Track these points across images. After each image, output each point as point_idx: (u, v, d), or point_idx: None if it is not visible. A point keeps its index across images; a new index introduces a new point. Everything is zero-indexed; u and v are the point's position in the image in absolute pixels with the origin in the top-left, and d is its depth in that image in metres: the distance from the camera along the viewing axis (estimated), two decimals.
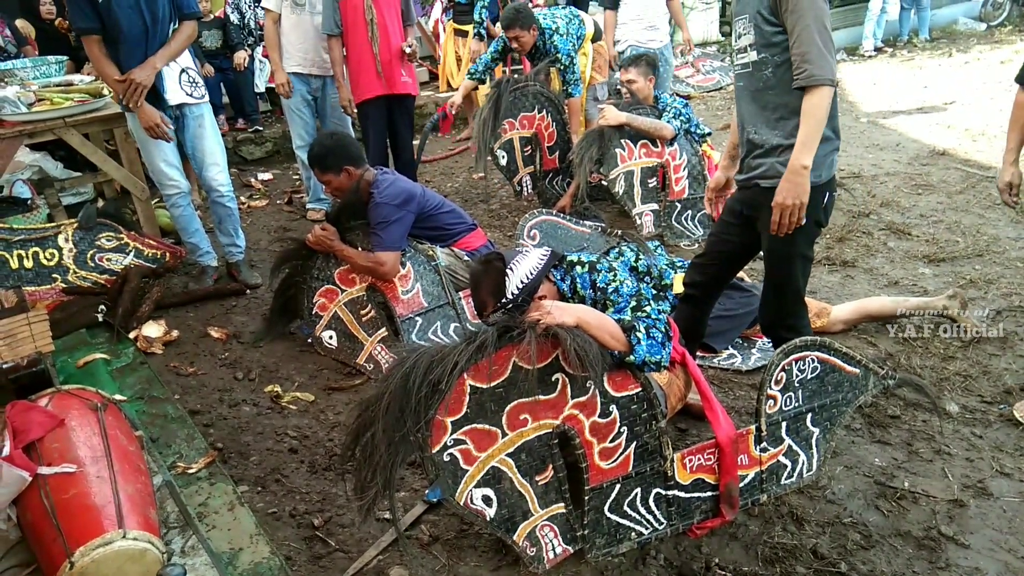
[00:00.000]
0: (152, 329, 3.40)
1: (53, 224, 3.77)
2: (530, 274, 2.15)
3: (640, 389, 1.97)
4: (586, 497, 1.96)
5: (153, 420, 2.70)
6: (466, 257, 3.30)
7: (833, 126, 2.16)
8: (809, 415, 2.16)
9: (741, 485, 2.11)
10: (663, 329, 1.98)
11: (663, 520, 2.07)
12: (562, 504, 1.98)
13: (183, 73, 3.55)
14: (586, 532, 1.99)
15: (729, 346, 3.08)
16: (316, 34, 4.42)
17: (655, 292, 2.65)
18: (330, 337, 3.27)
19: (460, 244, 3.34)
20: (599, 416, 1.94)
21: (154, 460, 2.37)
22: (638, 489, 2.02)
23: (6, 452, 1.86)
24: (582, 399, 1.92)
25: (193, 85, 3.60)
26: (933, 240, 4.02)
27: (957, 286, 3.43)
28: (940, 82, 7.49)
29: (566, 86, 4.71)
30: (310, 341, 3.34)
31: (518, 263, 2.17)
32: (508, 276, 2.13)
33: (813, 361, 2.11)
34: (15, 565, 1.91)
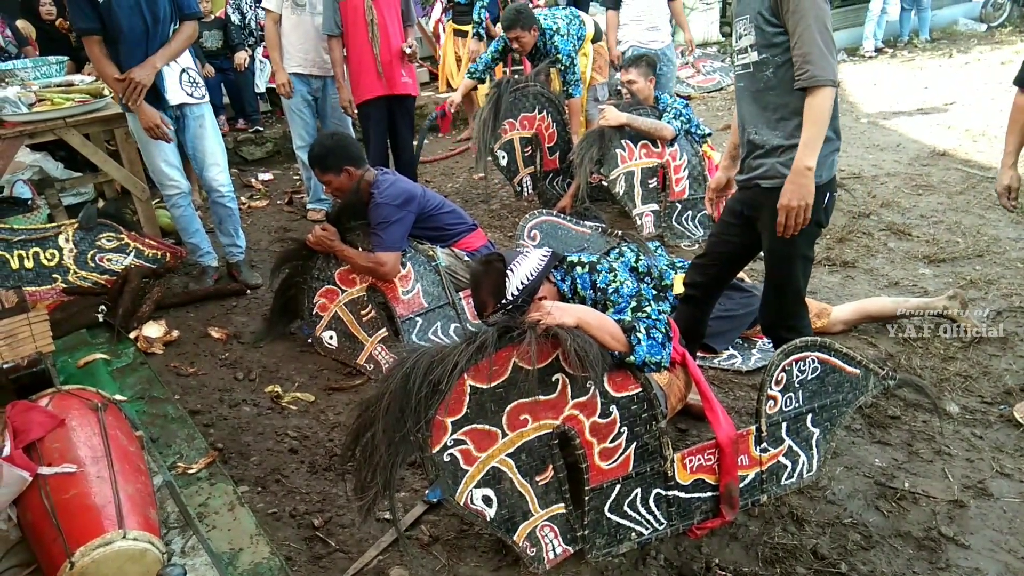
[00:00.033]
0: (152, 329, 3.40)
1: (54, 224, 3.77)
2: (530, 275, 2.14)
3: (640, 389, 1.97)
4: (586, 497, 1.96)
5: (153, 420, 2.71)
6: (466, 257, 3.30)
7: (834, 127, 2.16)
8: (809, 416, 2.16)
9: (741, 485, 2.11)
10: (663, 329, 1.98)
11: (663, 520, 2.06)
12: (562, 504, 1.98)
13: (183, 73, 3.55)
14: (586, 532, 1.99)
15: (729, 346, 3.08)
16: (316, 34, 4.42)
17: (655, 293, 2.65)
18: (330, 337, 3.27)
19: (460, 244, 3.35)
20: (599, 416, 1.94)
21: (154, 460, 2.37)
22: (638, 489, 2.02)
23: (6, 452, 1.86)
24: (582, 399, 1.92)
25: (193, 85, 3.60)
26: (933, 241, 4.02)
27: (957, 287, 3.43)
28: (940, 83, 7.50)
29: (566, 87, 4.71)
30: (310, 341, 3.35)
31: (519, 264, 2.17)
32: (508, 277, 2.13)
33: (813, 362, 2.11)
34: (15, 565, 1.91)
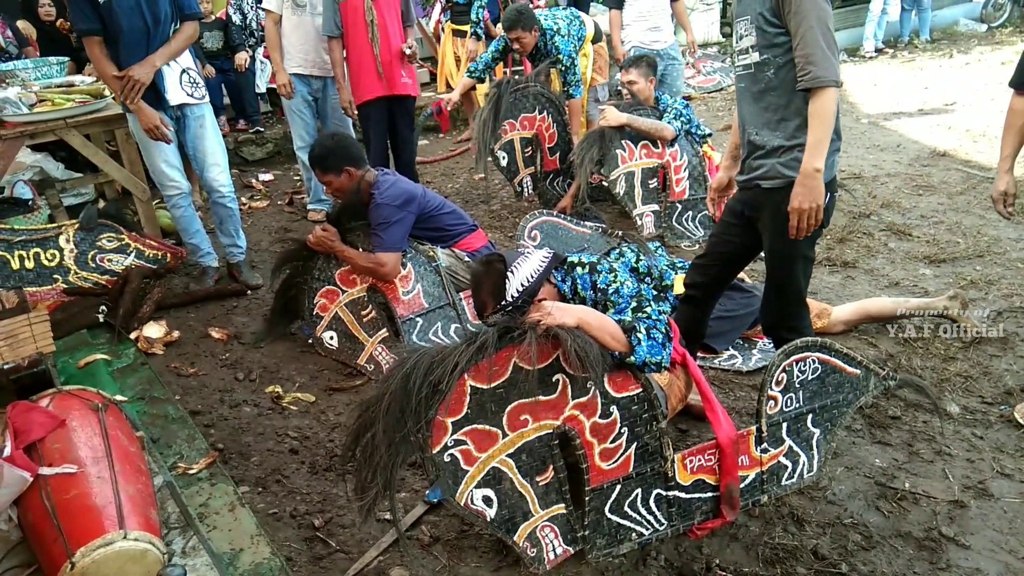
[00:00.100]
0: (153, 330, 3.40)
1: (54, 225, 3.77)
2: (531, 277, 2.14)
3: (641, 390, 1.97)
4: (587, 498, 1.96)
5: (154, 421, 2.71)
6: (467, 258, 3.30)
7: (835, 127, 2.16)
8: (810, 416, 2.16)
9: (742, 486, 2.11)
10: (664, 330, 1.98)
11: (664, 521, 2.06)
12: (563, 505, 1.97)
13: (184, 73, 3.56)
14: (587, 533, 1.99)
15: (730, 347, 3.08)
16: (317, 35, 4.43)
17: (656, 293, 2.64)
18: (331, 338, 3.27)
19: (461, 245, 3.35)
20: (600, 417, 1.94)
21: (155, 461, 2.37)
22: (639, 490, 2.02)
23: (7, 453, 1.86)
24: (583, 400, 1.92)
25: (194, 86, 3.60)
26: (934, 241, 4.02)
27: (958, 287, 3.43)
28: (941, 83, 7.50)
29: (567, 87, 4.71)
30: (311, 342, 3.35)
31: (519, 265, 2.17)
32: (509, 278, 2.13)
33: (814, 362, 2.11)
34: (16, 566, 1.91)
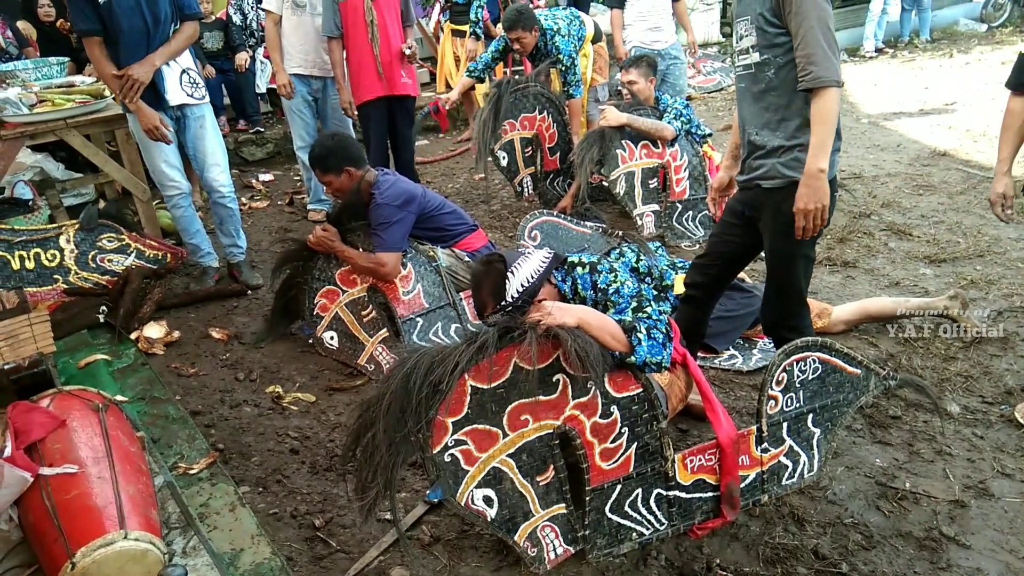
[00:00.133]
0: (153, 330, 3.40)
1: (55, 225, 3.78)
2: (531, 277, 2.14)
3: (641, 390, 1.97)
4: (587, 498, 1.96)
5: (154, 421, 2.71)
6: (467, 258, 3.30)
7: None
8: (810, 416, 2.16)
9: (742, 486, 2.11)
10: (664, 330, 1.98)
11: (664, 521, 2.06)
12: (563, 505, 1.97)
13: (184, 74, 3.56)
14: (587, 532, 1.99)
15: (730, 347, 3.08)
16: (317, 35, 4.43)
17: (656, 293, 2.64)
18: (331, 338, 3.27)
19: (461, 245, 3.35)
20: (600, 417, 1.94)
21: (155, 461, 2.37)
22: (639, 490, 2.02)
23: (8, 453, 1.86)
24: (583, 400, 1.92)
25: (194, 86, 3.60)
26: (934, 241, 4.02)
27: (958, 287, 3.43)
28: (941, 83, 7.50)
29: (567, 87, 4.71)
30: (311, 342, 3.35)
31: (520, 265, 2.17)
32: (509, 278, 2.13)
33: (814, 362, 2.11)
34: (17, 566, 1.91)
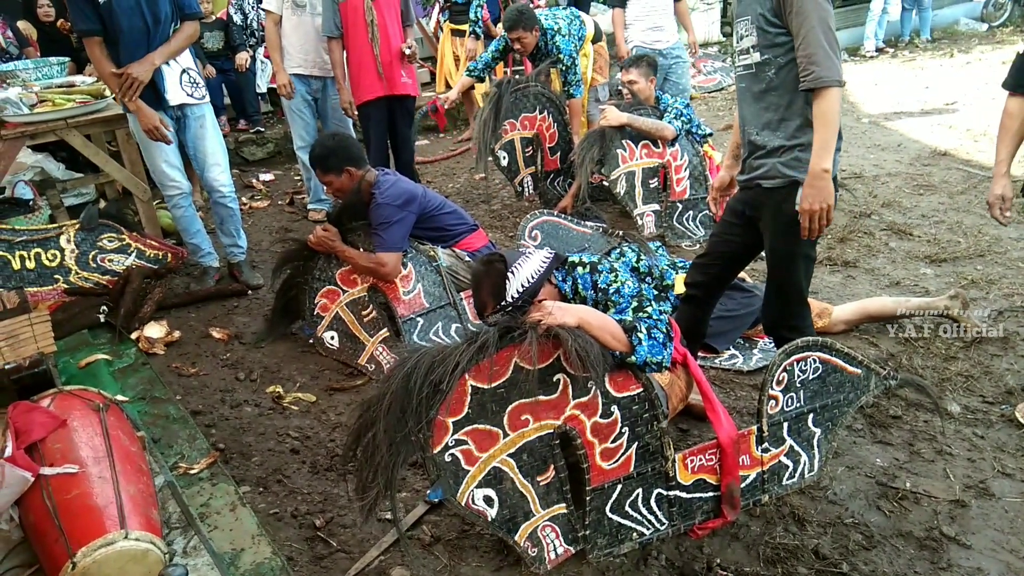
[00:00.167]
0: (154, 330, 3.40)
1: (55, 225, 3.78)
2: (532, 277, 2.14)
3: (642, 390, 1.97)
4: (587, 497, 1.96)
5: (155, 421, 2.71)
6: (467, 258, 3.30)
7: None
8: (811, 415, 2.16)
9: (743, 485, 2.11)
10: (664, 330, 1.98)
11: (665, 520, 2.06)
12: (564, 504, 1.97)
13: (184, 73, 3.56)
14: (588, 532, 1.99)
15: (731, 346, 3.08)
16: (317, 35, 4.43)
17: (656, 293, 2.65)
18: (332, 338, 3.27)
19: (461, 245, 3.35)
20: (600, 417, 1.94)
21: (156, 461, 2.37)
22: (639, 489, 2.02)
23: (8, 453, 1.86)
24: (583, 399, 1.92)
25: (194, 85, 3.60)
26: (935, 240, 4.02)
27: (959, 286, 3.43)
28: (941, 83, 7.49)
29: (567, 87, 4.71)
30: (312, 342, 3.35)
31: (520, 265, 2.17)
32: (510, 278, 2.13)
33: (815, 361, 2.11)
34: (17, 565, 1.91)
